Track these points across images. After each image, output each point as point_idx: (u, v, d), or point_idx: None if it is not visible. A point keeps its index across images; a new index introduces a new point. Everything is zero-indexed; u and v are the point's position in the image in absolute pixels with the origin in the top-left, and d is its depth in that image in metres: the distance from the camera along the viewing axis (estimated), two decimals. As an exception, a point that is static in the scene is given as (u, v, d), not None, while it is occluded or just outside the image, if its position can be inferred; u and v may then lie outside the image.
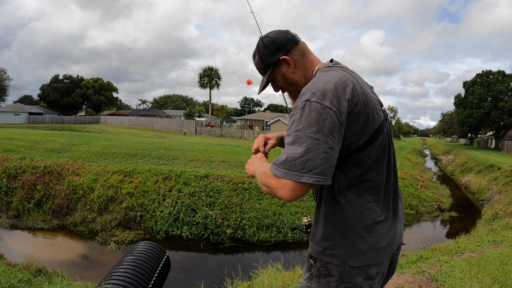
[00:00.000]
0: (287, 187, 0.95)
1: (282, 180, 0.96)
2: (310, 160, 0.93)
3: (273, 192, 1.00)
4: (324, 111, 0.95)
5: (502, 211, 9.70)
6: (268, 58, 1.18)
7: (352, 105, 1.01)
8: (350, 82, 1.05)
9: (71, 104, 55.54)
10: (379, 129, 1.10)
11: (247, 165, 1.27)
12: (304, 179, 0.93)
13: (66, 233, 8.18)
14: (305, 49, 1.21)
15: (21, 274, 4.35)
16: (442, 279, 3.28)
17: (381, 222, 1.14)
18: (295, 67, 1.19)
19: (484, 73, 37.77)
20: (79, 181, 9.32)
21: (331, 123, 0.95)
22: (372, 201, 1.13)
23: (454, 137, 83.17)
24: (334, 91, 0.99)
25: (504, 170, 15.95)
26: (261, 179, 1.07)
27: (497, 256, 4.00)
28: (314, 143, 0.93)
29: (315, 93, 0.98)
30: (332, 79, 1.03)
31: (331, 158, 0.95)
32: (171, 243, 7.75)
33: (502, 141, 33.86)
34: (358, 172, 1.09)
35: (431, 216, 11.10)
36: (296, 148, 0.95)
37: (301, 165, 0.93)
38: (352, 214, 1.11)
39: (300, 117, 0.97)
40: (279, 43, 1.17)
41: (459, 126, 43.68)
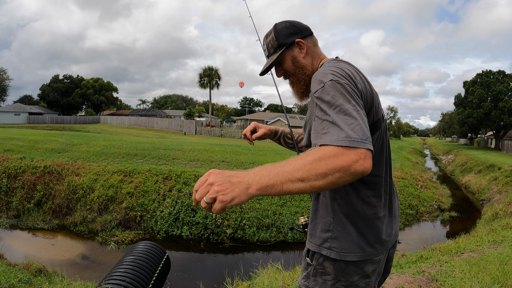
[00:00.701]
0: (363, 155, 0.82)
1: (354, 150, 0.82)
2: (358, 125, 0.86)
3: (350, 169, 0.80)
4: (349, 85, 0.97)
5: (502, 211, 9.70)
6: (284, 38, 1.21)
7: (364, 87, 1.04)
8: (357, 72, 1.09)
9: (71, 104, 55.55)
10: (380, 121, 1.10)
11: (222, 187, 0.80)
12: (367, 145, 0.84)
13: (66, 233, 8.19)
14: (316, 42, 1.27)
15: (21, 274, 4.35)
16: (442, 279, 3.28)
17: (380, 218, 1.13)
18: (307, 54, 1.23)
19: (484, 73, 37.79)
20: (79, 181, 9.32)
21: (356, 93, 0.97)
22: (372, 196, 1.12)
23: (454, 137, 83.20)
24: (349, 73, 1.02)
25: (504, 170, 15.95)
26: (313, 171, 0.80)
27: (497, 256, 4.00)
28: (359, 115, 0.90)
29: (334, 73, 0.99)
30: (344, 67, 1.05)
31: (366, 125, 0.90)
32: (171, 243, 7.75)
33: (502, 141, 33.86)
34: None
35: (431, 216, 11.10)
36: (345, 119, 0.87)
37: (359, 133, 0.85)
38: (351, 207, 1.10)
39: (335, 94, 0.93)
40: (298, 27, 1.22)
41: (459, 126, 43.69)
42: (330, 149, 0.82)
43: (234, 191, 0.80)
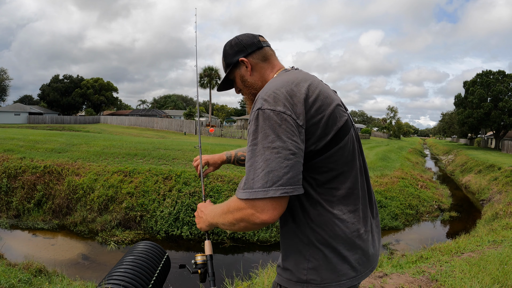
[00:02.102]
0: (260, 208, 0.86)
1: (251, 202, 0.87)
2: (272, 171, 0.85)
3: (250, 221, 0.89)
4: (279, 116, 0.89)
5: (502, 211, 9.70)
6: (230, 58, 1.19)
7: (309, 104, 0.94)
8: (305, 80, 0.99)
9: (71, 104, 55.56)
10: (344, 128, 1.00)
11: (197, 219, 1.17)
12: (270, 193, 0.84)
13: (66, 233, 8.19)
14: (268, 55, 1.19)
15: (21, 274, 4.35)
16: (442, 279, 3.28)
17: (361, 236, 1.02)
18: (253, 70, 1.17)
19: (484, 73, 37.80)
20: (79, 181, 9.32)
21: (287, 128, 0.88)
22: (349, 212, 1.00)
23: (454, 137, 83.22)
24: (286, 94, 0.93)
25: (504, 170, 15.95)
26: (227, 219, 0.96)
27: (497, 256, 4.00)
28: (273, 153, 0.86)
29: (266, 99, 0.92)
30: (285, 81, 0.97)
31: (296, 164, 0.88)
32: (171, 243, 7.75)
33: (502, 141, 33.86)
34: (325, 179, 0.98)
35: (431, 216, 11.10)
36: (256, 163, 0.87)
37: (264, 179, 0.85)
38: (327, 228, 0.97)
39: (256, 129, 0.90)
40: (242, 45, 1.17)
41: (459, 126, 43.69)
42: (234, 202, 0.93)
43: (199, 223, 1.17)
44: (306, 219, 0.99)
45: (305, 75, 1.04)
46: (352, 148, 1.03)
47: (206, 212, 1.13)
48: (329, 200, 0.98)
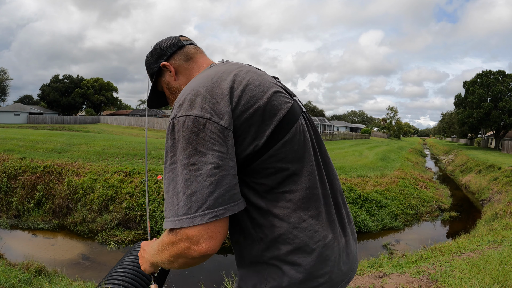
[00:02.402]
0: (194, 239, 0.71)
1: (182, 233, 0.71)
2: (195, 193, 0.70)
3: (187, 256, 0.73)
4: (195, 123, 0.73)
5: (502, 211, 9.70)
6: (152, 67, 1.06)
7: (235, 97, 0.79)
8: (229, 72, 0.84)
9: (71, 104, 55.55)
10: (289, 118, 0.84)
11: (140, 260, 1.02)
12: (196, 220, 0.70)
13: (66, 233, 8.19)
14: (192, 53, 1.04)
15: (21, 274, 4.34)
16: (442, 279, 3.28)
17: (329, 245, 0.85)
18: (177, 74, 1.03)
19: (484, 73, 37.82)
20: (79, 181, 9.32)
21: (207, 136, 0.73)
22: (310, 218, 0.83)
23: (454, 137, 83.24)
24: (205, 93, 0.78)
25: (504, 170, 15.95)
26: (164, 257, 0.79)
27: (497, 256, 4.00)
28: (192, 170, 0.71)
29: (181, 105, 0.77)
30: (203, 78, 0.82)
31: (223, 179, 0.72)
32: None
33: (502, 141, 33.86)
34: (274, 182, 0.81)
35: (431, 216, 11.10)
36: (177, 185, 0.73)
37: (187, 204, 0.70)
38: (284, 242, 0.81)
39: (173, 143, 0.75)
40: (162, 49, 1.03)
41: (459, 126, 43.70)
42: (166, 236, 0.77)
43: (142, 264, 1.01)
44: (258, 234, 0.82)
45: (229, 66, 0.89)
46: (303, 140, 0.86)
47: (147, 251, 0.97)
48: (284, 207, 0.81)
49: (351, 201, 10.13)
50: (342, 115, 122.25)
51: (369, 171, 13.22)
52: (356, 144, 30.82)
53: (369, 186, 11.45)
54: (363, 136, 48.00)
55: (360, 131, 56.42)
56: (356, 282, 3.28)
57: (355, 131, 61.65)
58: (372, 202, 10.37)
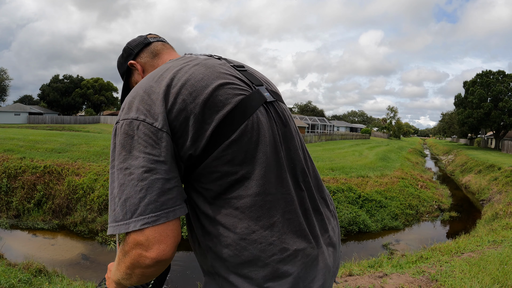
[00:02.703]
0: (144, 244, 0.67)
1: (131, 239, 0.68)
2: (128, 198, 0.67)
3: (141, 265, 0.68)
4: (130, 126, 0.70)
5: (502, 211, 9.71)
6: (122, 66, 1.04)
7: (171, 96, 0.73)
8: (173, 68, 0.78)
9: (71, 104, 55.55)
10: (237, 113, 0.75)
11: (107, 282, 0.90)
12: (131, 226, 0.66)
13: (66, 233, 8.19)
14: (158, 50, 1.01)
15: (21, 274, 4.34)
16: (442, 279, 3.28)
17: (288, 259, 0.75)
18: (144, 71, 1.00)
19: (484, 73, 37.83)
20: (79, 181, 9.32)
21: (139, 138, 0.69)
22: (261, 229, 0.74)
23: (454, 137, 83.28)
24: (144, 94, 0.74)
25: (504, 170, 15.96)
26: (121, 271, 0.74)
27: (497, 256, 4.01)
28: (126, 175, 0.68)
29: (123, 108, 0.75)
30: (148, 78, 0.78)
31: (154, 183, 0.67)
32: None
33: (502, 141, 33.87)
34: (220, 188, 0.74)
35: (431, 216, 11.11)
36: (114, 189, 0.69)
37: (123, 210, 0.67)
38: (233, 254, 0.74)
39: (113, 147, 0.73)
40: (130, 48, 1.02)
41: (459, 126, 43.72)
42: (119, 248, 0.73)
43: (109, 286, 0.87)
44: (208, 243, 0.77)
45: (176, 62, 0.82)
46: (256, 139, 0.76)
47: (112, 271, 0.85)
48: (231, 215, 0.74)
49: (351, 201, 10.13)
50: (342, 115, 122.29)
51: (369, 171, 13.22)
52: (356, 144, 30.83)
53: (369, 186, 11.45)
54: (363, 136, 48.01)
55: (360, 131, 56.43)
56: (356, 282, 3.28)
57: (355, 131, 61.68)
58: (372, 202, 10.37)
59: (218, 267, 0.76)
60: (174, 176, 0.71)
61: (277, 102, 0.88)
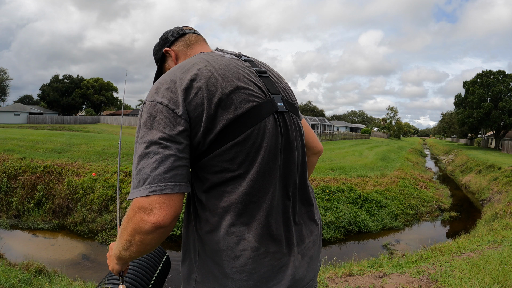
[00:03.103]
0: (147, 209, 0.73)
1: (136, 205, 0.75)
2: (143, 168, 0.75)
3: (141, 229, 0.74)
4: (154, 108, 0.79)
5: (502, 211, 9.70)
6: (157, 53, 1.13)
7: (193, 89, 0.80)
8: (196, 65, 0.85)
9: (71, 104, 55.54)
10: (246, 118, 0.82)
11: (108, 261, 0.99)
12: (139, 193, 0.74)
13: (66, 233, 8.19)
14: (192, 40, 1.09)
15: (21, 274, 4.34)
16: (442, 279, 3.28)
17: (258, 258, 0.82)
18: (178, 59, 1.09)
19: (484, 73, 37.83)
20: (79, 181, 9.32)
21: (161, 119, 0.78)
22: (240, 224, 0.81)
23: (454, 137, 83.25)
24: (170, 82, 0.82)
25: (504, 170, 15.95)
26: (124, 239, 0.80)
27: (497, 256, 4.00)
28: (143, 148, 0.76)
29: (150, 92, 0.84)
30: (177, 68, 0.87)
31: (166, 158, 0.75)
32: (171, 243, 7.74)
33: (502, 141, 33.86)
34: (218, 180, 0.82)
35: (431, 216, 11.10)
36: (134, 162, 0.79)
37: (137, 178, 0.76)
38: (211, 240, 0.82)
39: (139, 125, 0.81)
40: (166, 36, 1.11)
41: (459, 126, 43.72)
42: (125, 216, 0.79)
43: (110, 264, 0.98)
44: (196, 225, 0.86)
45: (203, 57, 0.90)
46: (258, 145, 0.82)
47: (113, 248, 0.94)
48: (218, 206, 0.82)
49: (351, 201, 10.13)
50: (342, 115, 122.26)
51: (369, 171, 13.22)
52: (356, 144, 30.82)
53: (369, 186, 11.45)
54: (363, 136, 48.00)
55: (360, 131, 56.41)
56: (356, 282, 3.28)
57: (355, 131, 61.66)
58: (372, 202, 10.36)
59: (199, 249, 0.86)
60: (185, 158, 0.79)
61: (289, 113, 0.93)
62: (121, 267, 0.97)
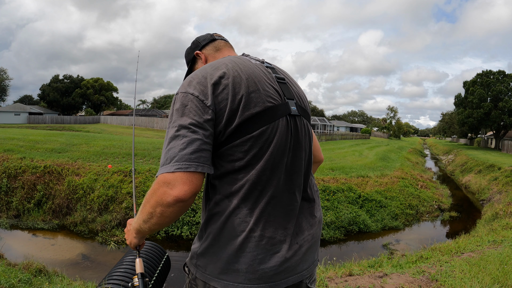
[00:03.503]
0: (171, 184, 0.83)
1: (161, 180, 0.85)
2: (172, 148, 0.86)
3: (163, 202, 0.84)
4: (186, 98, 0.91)
5: (502, 211, 9.71)
6: (189, 55, 1.26)
7: (221, 85, 0.92)
8: (225, 65, 0.97)
9: (71, 104, 55.54)
10: (263, 116, 0.93)
11: (126, 235, 1.13)
12: (167, 169, 0.84)
13: (66, 233, 8.19)
14: (221, 46, 1.23)
15: (21, 274, 4.34)
16: (442, 279, 3.28)
17: (252, 240, 0.92)
18: (206, 62, 1.21)
19: (484, 73, 37.82)
20: (79, 181, 9.32)
21: (191, 107, 0.89)
22: (244, 207, 0.92)
23: (454, 137, 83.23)
24: (202, 77, 0.94)
25: (504, 170, 15.95)
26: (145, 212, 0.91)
27: (497, 256, 4.00)
28: (174, 131, 0.88)
29: (183, 84, 0.96)
30: (208, 66, 0.99)
31: (194, 141, 0.86)
32: (171, 243, 7.75)
33: (502, 141, 33.86)
34: (232, 168, 0.92)
35: (431, 216, 11.10)
36: (165, 143, 0.90)
37: (165, 157, 0.86)
38: (219, 219, 0.93)
39: (171, 112, 0.92)
40: (198, 41, 1.24)
41: (459, 126, 43.71)
42: (149, 189, 0.90)
43: (128, 238, 1.11)
44: (206, 207, 0.98)
45: (230, 59, 1.01)
46: (270, 141, 0.93)
47: (132, 223, 1.06)
48: (230, 190, 0.93)
49: (351, 201, 10.14)
50: (342, 115, 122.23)
51: (369, 171, 13.22)
52: (356, 144, 30.82)
53: (369, 186, 11.45)
54: (363, 136, 48.00)
55: (360, 131, 56.41)
56: (356, 282, 3.28)
57: (355, 131, 61.64)
58: (372, 202, 10.36)
59: (208, 228, 0.96)
60: (210, 143, 0.89)
61: (301, 117, 1.05)
62: (138, 241, 1.10)
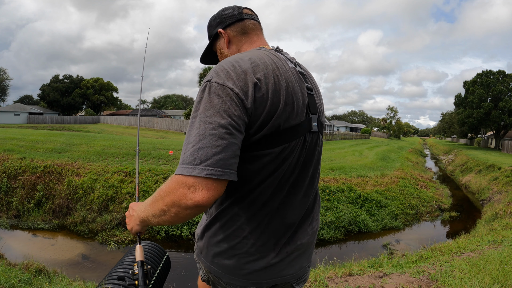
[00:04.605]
0: (192, 187, 0.77)
1: (182, 181, 0.78)
2: (203, 148, 0.77)
3: (181, 204, 0.79)
4: (224, 91, 0.81)
5: (502, 211, 9.71)
6: (211, 29, 1.14)
7: (260, 88, 0.85)
8: (264, 64, 0.89)
9: (71, 104, 55.55)
10: (284, 134, 0.89)
11: (127, 220, 1.08)
12: (195, 171, 0.76)
13: (66, 233, 8.18)
14: (250, 28, 1.09)
15: (21, 274, 4.34)
16: (442, 279, 3.28)
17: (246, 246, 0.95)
18: (230, 43, 1.09)
19: (484, 73, 37.82)
20: (79, 181, 9.32)
21: (231, 105, 0.80)
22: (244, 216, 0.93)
23: (454, 137, 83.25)
24: (242, 72, 0.84)
25: (504, 170, 15.95)
26: (157, 207, 0.86)
27: (497, 256, 4.00)
28: (208, 128, 0.78)
29: (218, 72, 0.84)
30: (245, 59, 0.89)
31: (230, 146, 0.78)
32: (171, 243, 7.75)
33: (502, 141, 33.86)
34: (245, 173, 0.90)
35: (431, 216, 11.10)
36: (190, 136, 0.81)
37: (193, 155, 0.77)
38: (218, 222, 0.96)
39: (199, 101, 0.83)
40: (223, 16, 1.10)
41: (459, 126, 43.72)
42: (165, 185, 0.84)
43: (129, 223, 1.05)
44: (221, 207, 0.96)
45: (273, 58, 0.94)
46: (286, 157, 0.91)
47: (136, 209, 1.01)
48: (232, 196, 0.92)
49: (351, 201, 10.13)
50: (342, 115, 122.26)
51: (369, 171, 13.21)
52: (356, 144, 30.82)
53: (369, 186, 11.45)
54: (363, 136, 47.99)
55: (360, 131, 56.40)
56: (356, 282, 3.28)
57: (355, 131, 61.63)
58: (372, 202, 10.36)
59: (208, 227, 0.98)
60: (240, 148, 0.83)
61: (318, 133, 1.02)
62: (141, 229, 1.03)
